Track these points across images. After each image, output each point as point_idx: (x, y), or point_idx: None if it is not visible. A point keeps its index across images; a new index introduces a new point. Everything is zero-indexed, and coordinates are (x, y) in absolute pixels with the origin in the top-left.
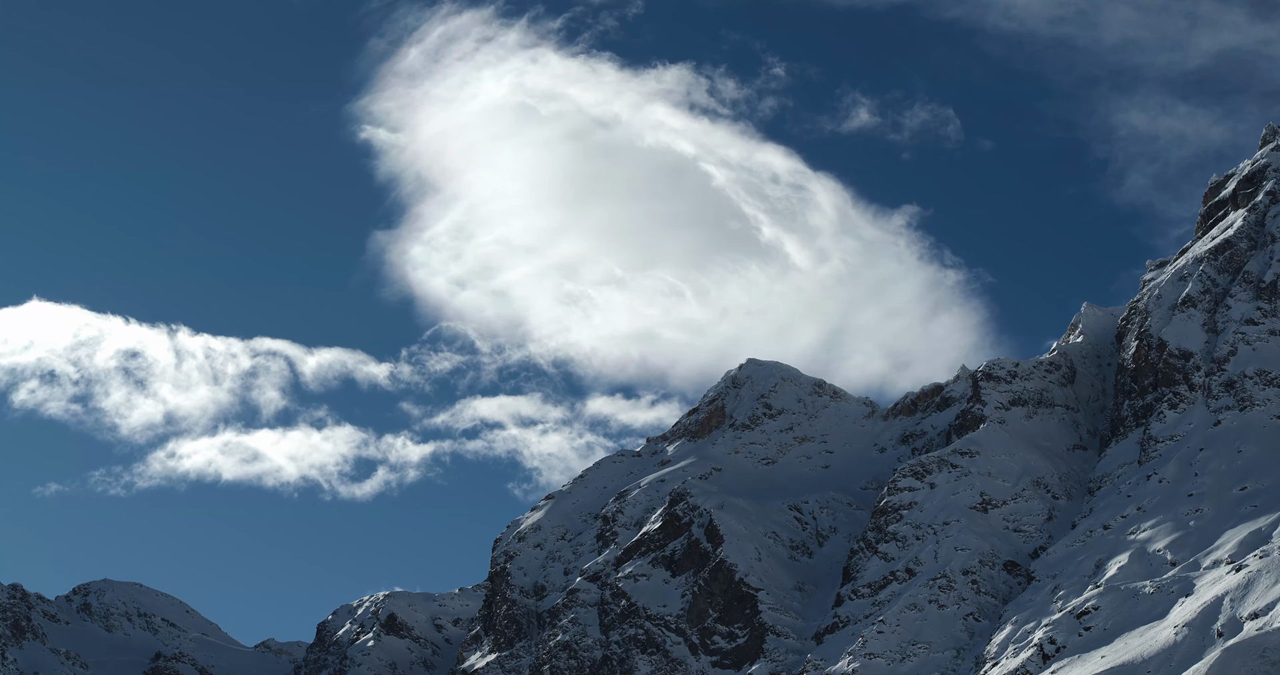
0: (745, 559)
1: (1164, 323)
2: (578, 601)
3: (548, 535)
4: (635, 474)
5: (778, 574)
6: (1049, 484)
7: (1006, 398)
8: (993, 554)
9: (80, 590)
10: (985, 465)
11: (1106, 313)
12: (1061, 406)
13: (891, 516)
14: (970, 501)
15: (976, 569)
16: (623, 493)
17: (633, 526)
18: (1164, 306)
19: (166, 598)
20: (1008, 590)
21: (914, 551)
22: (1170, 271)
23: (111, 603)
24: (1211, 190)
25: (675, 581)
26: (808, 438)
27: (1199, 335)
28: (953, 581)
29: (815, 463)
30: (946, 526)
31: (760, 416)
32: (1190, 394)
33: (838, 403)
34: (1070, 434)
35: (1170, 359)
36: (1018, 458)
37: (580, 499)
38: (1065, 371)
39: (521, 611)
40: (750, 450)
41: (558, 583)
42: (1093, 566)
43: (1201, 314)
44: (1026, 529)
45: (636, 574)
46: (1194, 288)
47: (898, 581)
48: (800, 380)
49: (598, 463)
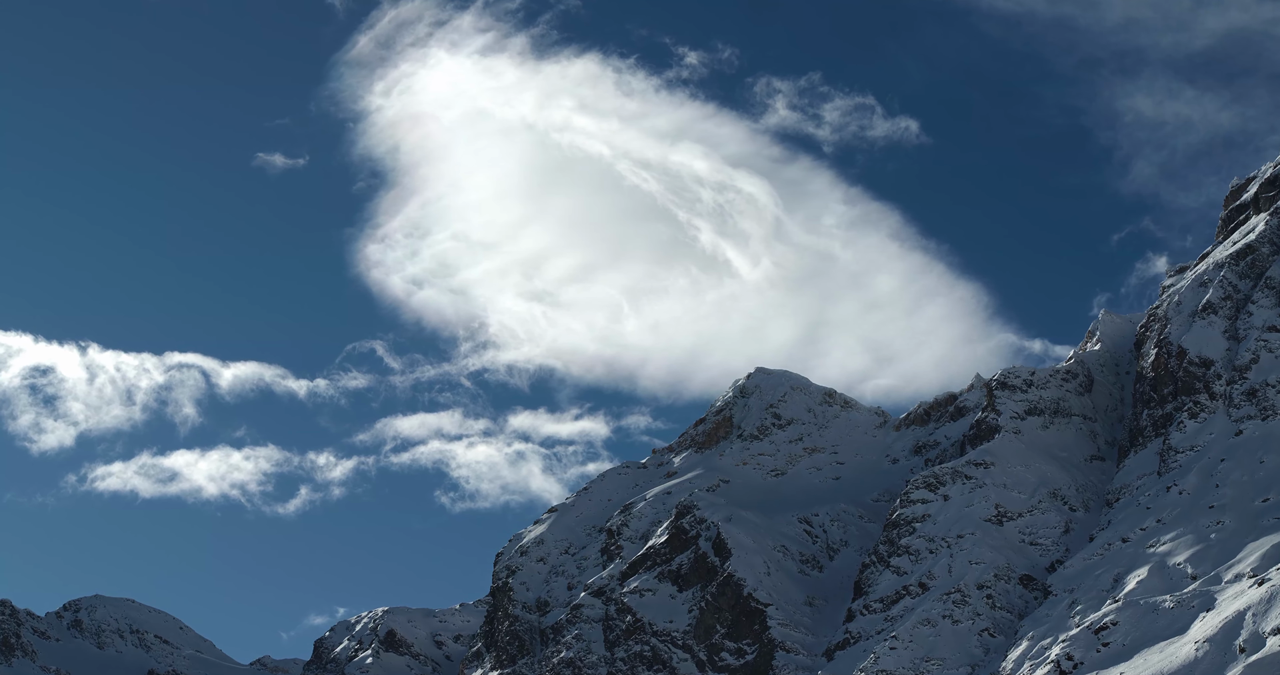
0: (754, 573)
1: (1184, 330)
2: (582, 617)
3: (551, 549)
4: (640, 486)
5: (787, 588)
6: (1066, 496)
7: (1022, 407)
8: (1008, 568)
9: (71, 606)
10: (1000, 476)
11: (1125, 319)
12: (1079, 416)
13: (904, 529)
14: (985, 514)
15: (992, 583)
16: (628, 505)
17: (638, 540)
18: (1184, 313)
19: (159, 614)
20: (1024, 605)
21: (927, 565)
22: (1190, 277)
23: (103, 619)
24: (1232, 193)
25: (682, 596)
26: (818, 448)
27: (1220, 342)
28: (967, 596)
29: (825, 474)
30: (961, 539)
31: (769, 427)
32: (1211, 403)
33: (848, 412)
34: (1088, 444)
35: (1190, 367)
36: (1034, 469)
37: (584, 512)
38: (1082, 380)
39: (524, 627)
40: (759, 461)
41: (561, 598)
42: (1111, 580)
43: (1222, 321)
44: (1043, 542)
45: (642, 589)
46: (1215, 294)
47: (911, 596)
48: (810, 389)
49: (602, 474)
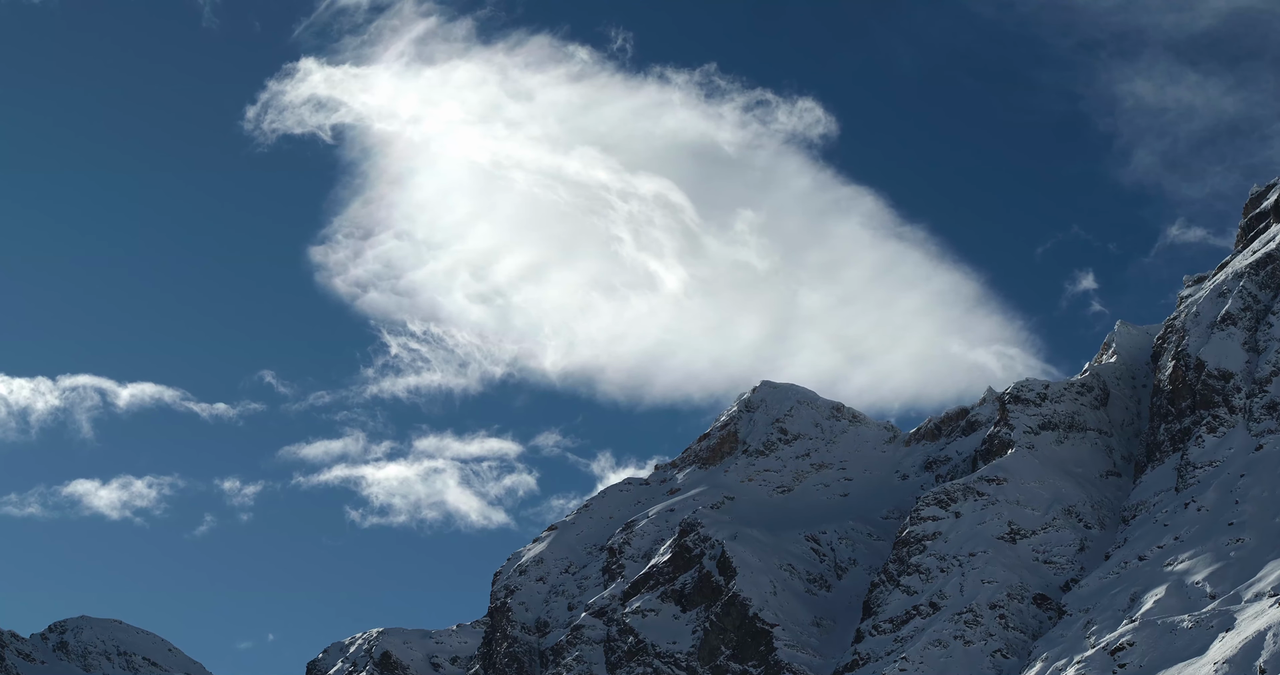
0: (760, 593)
1: (1202, 341)
2: (582, 638)
3: (551, 568)
4: (643, 503)
5: (794, 609)
6: (1081, 513)
7: (1036, 421)
8: (1022, 587)
9: (56, 628)
10: (1013, 493)
11: (1141, 331)
12: (1094, 430)
13: (914, 547)
14: (998, 531)
15: (1005, 603)
16: (630, 523)
17: (640, 559)
18: (1202, 324)
19: (147, 635)
20: (1038, 625)
21: (938, 584)
22: (1208, 287)
23: (89, 641)
24: (1251, 201)
25: (685, 617)
26: (825, 464)
27: (1239, 355)
28: (979, 616)
29: (833, 491)
30: (973, 558)
31: (775, 442)
32: (1230, 417)
33: (857, 427)
34: (1103, 459)
35: (1209, 380)
36: (1048, 485)
37: (585, 530)
38: (1098, 393)
39: (523, 649)
40: (764, 478)
41: (561, 618)
42: (1128, 600)
43: (1242, 332)
44: (1057, 560)
45: (645, 609)
46: (1234, 304)
47: (921, 616)
48: (817, 403)
49: (603, 491)
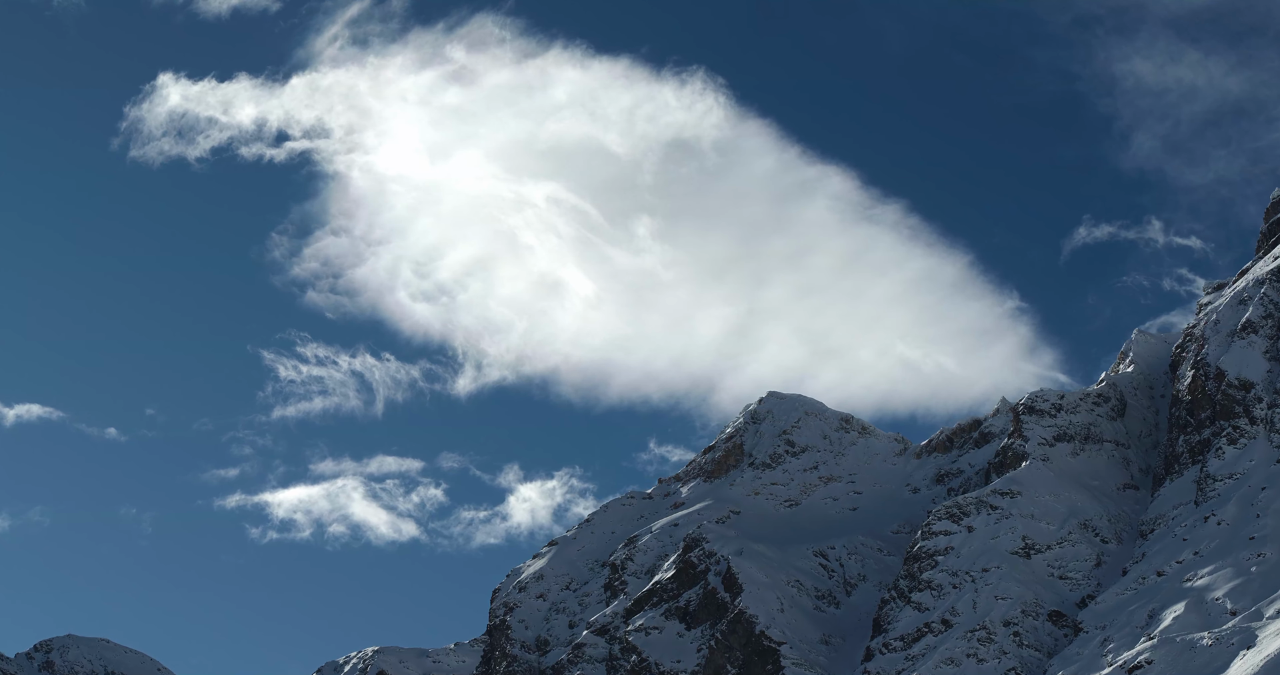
0: (766, 610)
1: (1222, 350)
2: (584, 657)
3: (551, 585)
4: (646, 517)
5: (802, 626)
6: (1097, 527)
7: (1050, 433)
8: (1036, 603)
9: (42, 647)
10: (1028, 506)
11: (1159, 340)
12: (1110, 442)
13: (926, 563)
14: (1011, 546)
15: (1019, 620)
16: (632, 538)
17: (644, 575)
18: (1222, 332)
19: (136, 654)
20: (1053, 643)
21: (950, 601)
22: (1229, 294)
23: (76, 660)
24: (1273, 206)
25: (690, 635)
26: (834, 477)
27: (1260, 364)
28: (993, 633)
29: (842, 504)
30: (986, 573)
31: (782, 454)
32: (1251, 428)
33: (866, 439)
34: (1120, 472)
35: (1229, 390)
36: (1063, 498)
37: (586, 545)
38: (1115, 404)
39: (523, 668)
40: (771, 491)
41: (562, 636)
42: (1145, 616)
43: (1263, 341)
44: (1073, 576)
45: (648, 627)
46: (1255, 312)
47: (933, 633)
48: (825, 415)
49: (605, 506)
